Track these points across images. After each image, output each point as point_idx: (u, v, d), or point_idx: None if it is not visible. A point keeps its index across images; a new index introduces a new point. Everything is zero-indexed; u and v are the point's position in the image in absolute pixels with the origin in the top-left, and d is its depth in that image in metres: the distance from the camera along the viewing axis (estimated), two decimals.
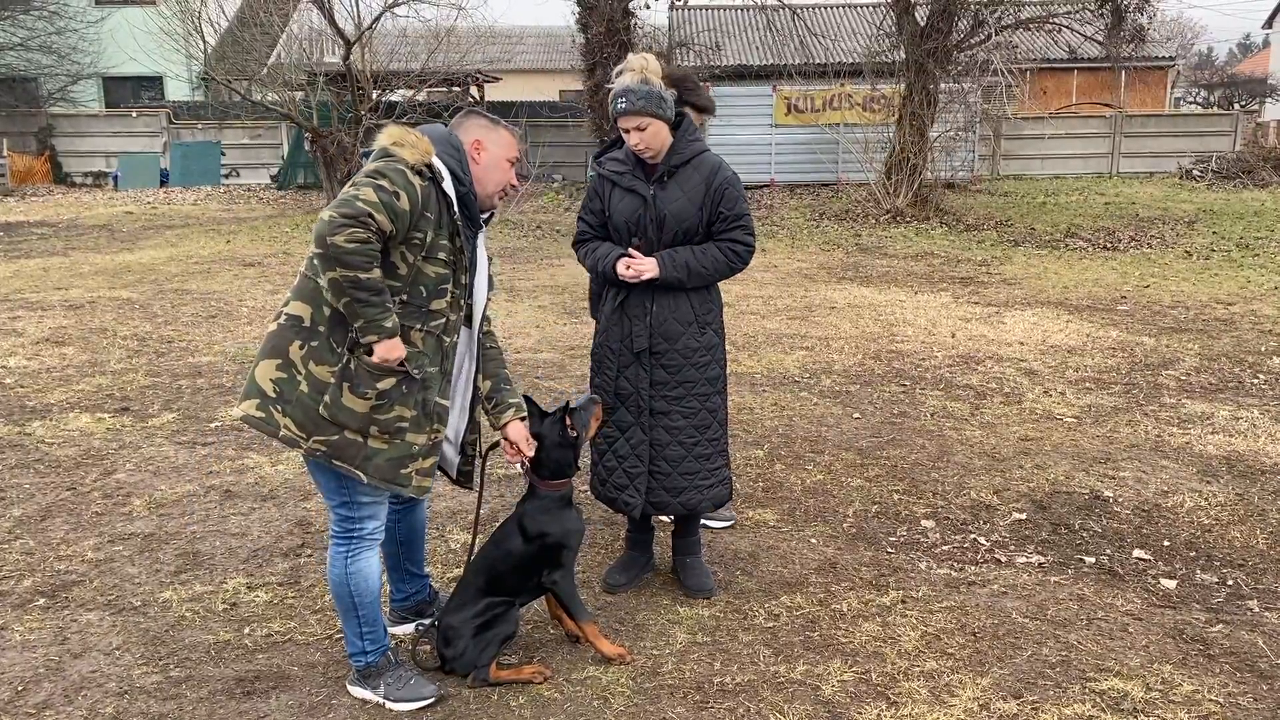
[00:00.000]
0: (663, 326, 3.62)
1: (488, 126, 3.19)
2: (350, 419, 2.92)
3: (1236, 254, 12.37)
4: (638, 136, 3.50)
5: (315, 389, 2.91)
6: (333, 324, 2.92)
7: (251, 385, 2.95)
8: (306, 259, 2.98)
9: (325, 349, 2.92)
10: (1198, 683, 3.27)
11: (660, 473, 3.69)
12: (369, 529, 3.10)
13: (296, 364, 2.92)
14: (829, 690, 3.22)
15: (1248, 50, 66.46)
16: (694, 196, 3.57)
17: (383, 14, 18.22)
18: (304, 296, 2.95)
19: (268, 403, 2.91)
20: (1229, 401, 6.35)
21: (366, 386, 2.92)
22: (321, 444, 2.92)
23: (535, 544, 3.29)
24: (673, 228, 3.57)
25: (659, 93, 3.47)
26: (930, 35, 16.28)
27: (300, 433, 2.91)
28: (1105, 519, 4.59)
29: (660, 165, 3.58)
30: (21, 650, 3.49)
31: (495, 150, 3.16)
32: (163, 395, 6.54)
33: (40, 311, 9.13)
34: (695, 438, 3.70)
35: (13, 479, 5.08)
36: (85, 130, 24.14)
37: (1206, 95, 40.31)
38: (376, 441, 2.96)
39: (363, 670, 3.18)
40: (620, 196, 3.62)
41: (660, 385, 3.65)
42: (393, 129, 3.04)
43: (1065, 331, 8.28)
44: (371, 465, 2.96)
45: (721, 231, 3.62)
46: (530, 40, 38.59)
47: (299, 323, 2.93)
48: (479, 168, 3.14)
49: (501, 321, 8.79)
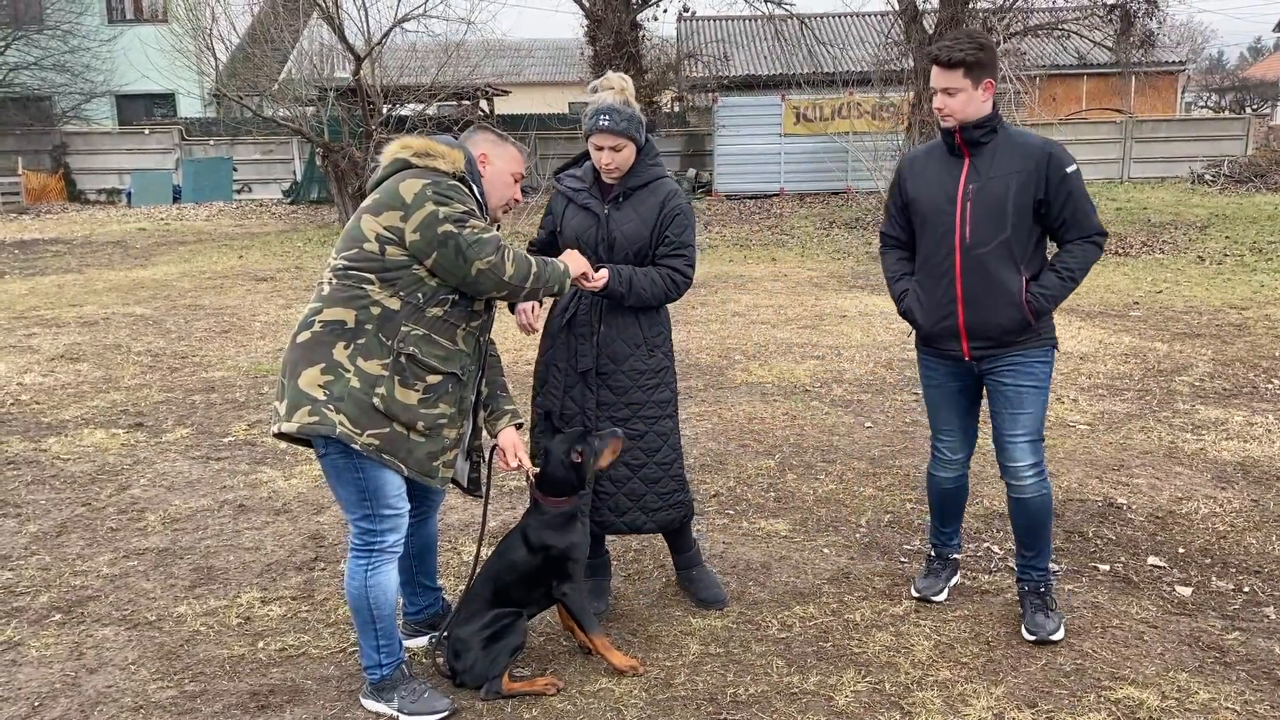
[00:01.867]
0: (610, 347, 3.57)
1: (495, 141, 3.25)
2: (402, 411, 3.01)
3: (1249, 258, 12.31)
4: (610, 156, 3.51)
5: (367, 383, 2.97)
6: (382, 321, 3.00)
7: (299, 395, 2.97)
8: (333, 270, 3.04)
9: (374, 344, 2.99)
10: (1214, 690, 3.25)
11: (604, 493, 3.62)
12: (389, 542, 3.12)
13: (343, 363, 2.97)
14: (842, 701, 3.21)
15: (1258, 54, 66.20)
16: (648, 219, 3.56)
17: (392, 29, 18.33)
18: (342, 303, 3.00)
19: (319, 406, 2.95)
20: (1243, 407, 6.31)
21: (417, 380, 3.02)
22: (375, 438, 2.99)
23: (539, 556, 3.30)
24: (624, 248, 3.55)
25: (638, 116, 3.53)
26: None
27: (355, 428, 2.96)
28: (1119, 526, 4.57)
29: (617, 186, 3.59)
30: (38, 666, 3.51)
31: (500, 165, 3.22)
32: (176, 410, 6.58)
33: (55, 328, 9.20)
34: (642, 460, 3.62)
35: (29, 495, 5.12)
36: (98, 148, 24.34)
37: (1217, 99, 40.20)
38: (418, 435, 3.06)
39: (377, 683, 3.19)
40: (574, 213, 3.63)
41: (606, 406, 3.59)
42: (411, 140, 3.10)
43: (1078, 338, 8.25)
44: (412, 458, 3.06)
45: (664, 256, 3.58)
46: (539, 53, 38.76)
47: (341, 326, 2.99)
48: (485, 180, 3.20)
49: (512, 332, 8.78)
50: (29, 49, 25.73)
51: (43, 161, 23.97)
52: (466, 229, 2.96)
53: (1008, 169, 3.38)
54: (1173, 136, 23.83)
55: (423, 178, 2.99)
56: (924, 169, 3.56)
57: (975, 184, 3.41)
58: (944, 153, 3.52)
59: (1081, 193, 3.41)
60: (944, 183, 3.47)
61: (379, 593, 3.11)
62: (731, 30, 30.34)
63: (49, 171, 23.79)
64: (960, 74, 3.33)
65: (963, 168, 3.45)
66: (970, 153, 3.44)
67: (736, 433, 5.98)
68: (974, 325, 3.48)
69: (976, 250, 3.42)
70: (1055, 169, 3.37)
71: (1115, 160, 23.77)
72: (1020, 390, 3.50)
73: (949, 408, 3.74)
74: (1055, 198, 3.38)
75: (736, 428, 6.07)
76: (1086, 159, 23.56)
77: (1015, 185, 3.37)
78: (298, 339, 3.03)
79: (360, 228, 3.01)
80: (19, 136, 24.12)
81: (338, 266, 3.02)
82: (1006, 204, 3.37)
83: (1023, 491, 3.57)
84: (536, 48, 38.93)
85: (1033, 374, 3.50)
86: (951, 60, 3.33)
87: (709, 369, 7.43)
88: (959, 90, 3.35)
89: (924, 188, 3.53)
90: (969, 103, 3.36)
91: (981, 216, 3.40)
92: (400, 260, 2.97)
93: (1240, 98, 38.57)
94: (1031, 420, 3.52)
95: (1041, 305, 3.42)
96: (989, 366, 3.54)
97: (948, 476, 3.83)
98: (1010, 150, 3.41)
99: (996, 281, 3.41)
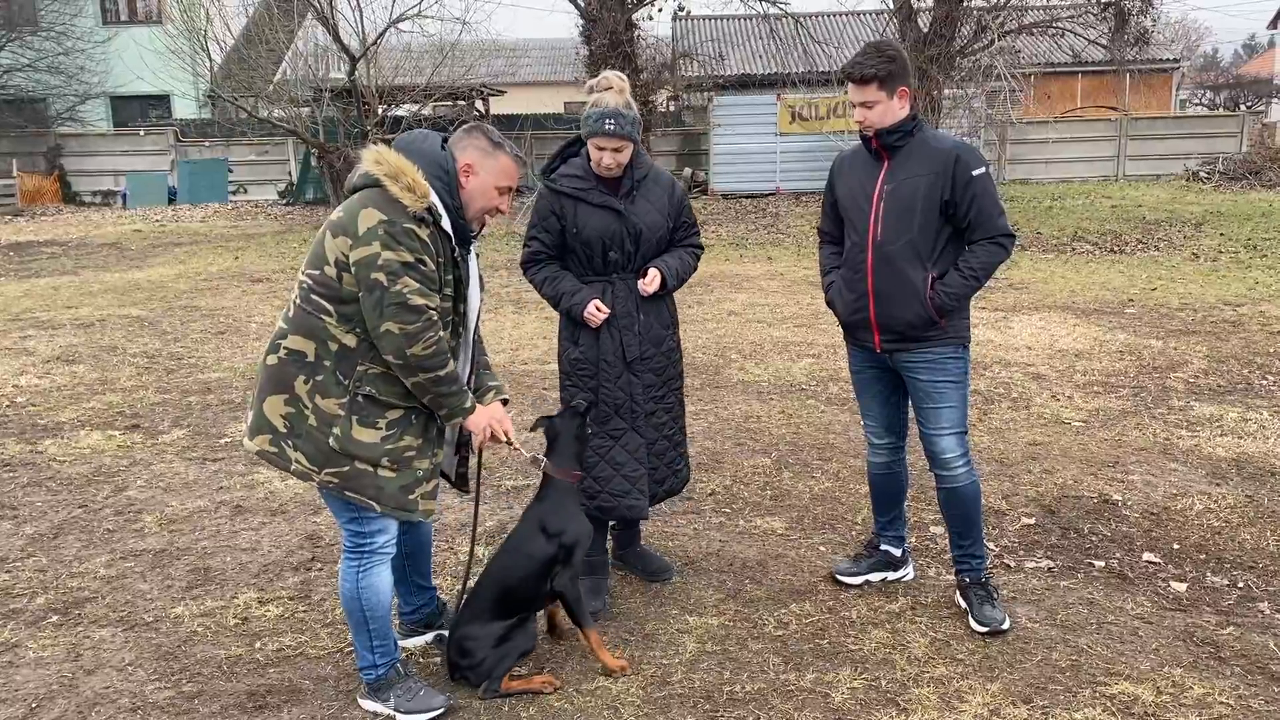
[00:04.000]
0: (650, 332, 3.77)
1: (485, 151, 3.09)
2: (361, 450, 2.96)
3: (1244, 255, 12.34)
4: (612, 157, 3.60)
5: (324, 422, 2.95)
6: (339, 358, 2.95)
7: (262, 420, 2.98)
8: (299, 289, 2.98)
9: (331, 382, 2.95)
10: (1209, 685, 3.26)
11: (651, 468, 3.82)
12: (380, 543, 3.12)
13: (303, 398, 2.95)
14: (839, 698, 3.22)
15: (1253, 51, 66.29)
16: (661, 208, 3.75)
17: (387, 29, 18.34)
18: (304, 332, 2.96)
19: (279, 438, 2.96)
20: (1238, 403, 6.33)
21: (377, 418, 2.97)
22: (333, 476, 2.96)
23: (555, 543, 3.31)
24: (649, 239, 3.72)
25: (639, 117, 3.64)
26: (933, 41, 16.33)
27: (311, 466, 2.95)
28: (1114, 523, 4.59)
29: (625, 180, 3.69)
30: (35, 667, 3.51)
31: (485, 178, 3.08)
32: (173, 412, 6.58)
33: (51, 330, 9.19)
34: (673, 428, 3.90)
35: (25, 497, 5.12)
36: (93, 149, 24.29)
37: (1212, 97, 40.25)
38: (386, 471, 3.00)
39: (373, 683, 3.19)
40: (589, 213, 3.67)
41: (650, 388, 3.78)
42: (386, 155, 2.95)
43: (1073, 335, 8.27)
44: (384, 495, 3.01)
45: (684, 238, 3.87)
46: (534, 53, 38.75)
47: (302, 358, 2.96)
48: (465, 192, 3.07)
49: (509, 334, 8.81)
50: (23, 51, 25.67)
51: (38, 164, 23.92)
52: (398, 285, 2.84)
53: (919, 170, 3.55)
54: (1167, 134, 23.87)
55: (382, 210, 2.86)
56: (851, 169, 3.75)
57: (890, 185, 3.58)
58: (866, 154, 3.69)
59: (988, 194, 3.53)
60: (864, 183, 3.65)
61: (371, 594, 3.11)
62: (726, 29, 30.34)
63: (44, 174, 23.75)
64: (874, 88, 3.50)
65: (881, 169, 3.62)
66: (889, 155, 3.61)
67: (733, 431, 5.98)
68: (883, 319, 3.64)
69: (886, 247, 3.58)
70: (962, 171, 3.50)
71: (1110, 158, 23.81)
72: (937, 386, 3.66)
73: (869, 395, 3.92)
74: (961, 199, 3.51)
75: (733, 426, 6.08)
76: (1082, 157, 23.65)
77: (924, 186, 3.52)
78: (267, 360, 3.02)
79: (323, 248, 2.95)
80: (14, 139, 24.07)
81: (304, 285, 2.97)
82: (915, 204, 3.53)
83: (954, 481, 3.72)
84: (532, 48, 38.93)
85: (946, 370, 3.65)
86: (864, 76, 3.49)
87: (705, 368, 7.43)
88: (876, 103, 3.51)
89: (847, 187, 3.72)
90: (886, 112, 3.52)
91: (892, 216, 3.57)
92: (353, 292, 2.90)
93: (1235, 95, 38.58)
94: (953, 414, 3.67)
95: (944, 303, 3.56)
96: (903, 361, 3.70)
97: (876, 463, 4.00)
98: (923, 153, 3.57)
99: (903, 278, 3.57)
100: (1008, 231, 3.57)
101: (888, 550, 4.04)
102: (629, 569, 4.13)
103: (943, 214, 3.54)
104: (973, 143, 19.92)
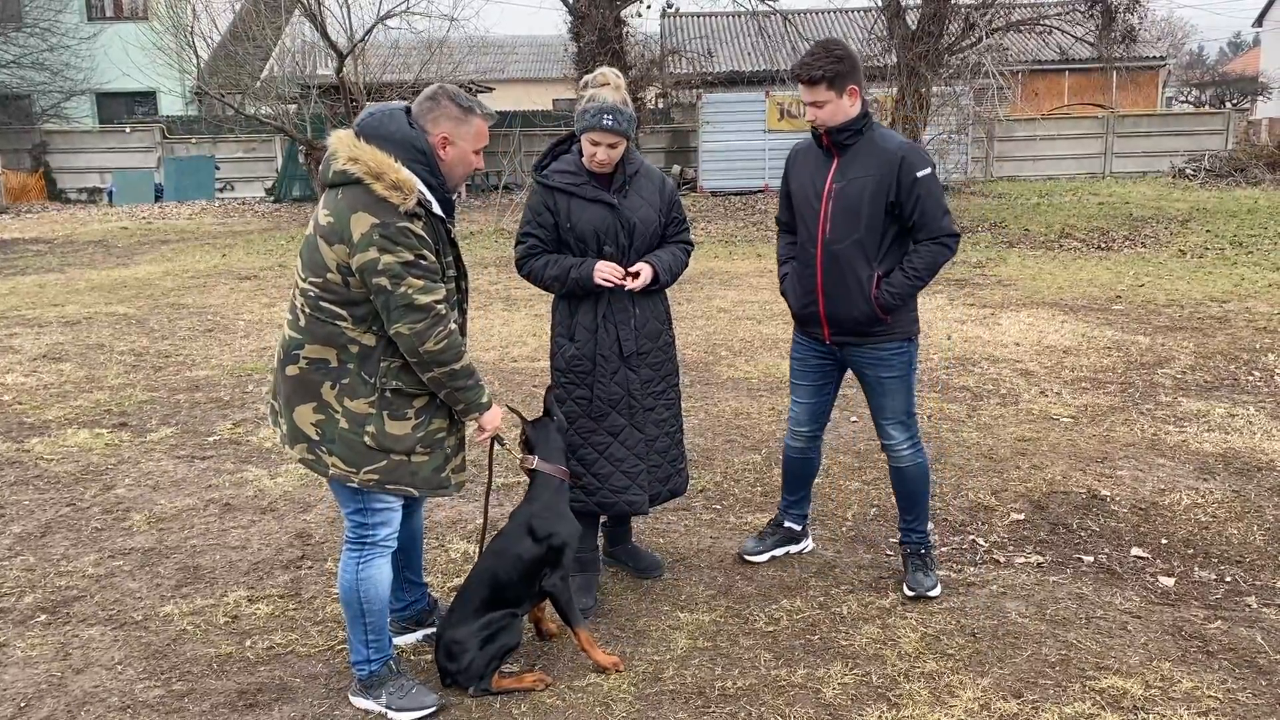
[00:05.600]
0: (646, 327, 3.78)
1: (458, 119, 3.03)
2: (395, 443, 3.01)
3: (1230, 252, 12.40)
4: (606, 153, 3.61)
5: (356, 423, 2.98)
6: (361, 359, 2.97)
7: (295, 430, 3.01)
8: (304, 297, 2.95)
9: (358, 383, 2.98)
10: (1197, 679, 3.28)
11: (654, 465, 3.82)
12: (381, 535, 3.13)
13: (331, 404, 2.98)
14: (830, 693, 3.23)
15: (1238, 49, 66.67)
16: (653, 203, 3.77)
17: (375, 26, 18.29)
18: (323, 339, 2.96)
19: (314, 446, 3.00)
20: (1225, 399, 6.37)
21: (405, 409, 3.01)
22: (373, 474, 3.00)
23: (543, 545, 3.30)
24: (642, 233, 3.73)
25: (633, 114, 3.65)
26: (921, 39, 16.35)
27: (349, 468, 2.99)
28: (1103, 518, 4.61)
29: (617, 175, 3.70)
30: (23, 667, 3.49)
31: (463, 145, 3.06)
32: (161, 410, 6.55)
33: (37, 328, 9.14)
34: (673, 425, 3.91)
35: (12, 496, 5.09)
36: (79, 146, 24.15)
37: (1198, 94, 40.42)
38: (420, 457, 3.06)
39: (365, 680, 3.18)
40: (583, 207, 3.68)
41: (648, 383, 3.79)
42: (360, 152, 2.85)
43: (1061, 332, 8.30)
44: (419, 479, 3.07)
45: (675, 234, 3.88)
46: (523, 50, 38.68)
47: (325, 365, 2.98)
48: (445, 165, 3.06)
49: (499, 331, 8.80)
50: (8, 47, 25.51)
51: (23, 161, 23.77)
52: (401, 287, 2.84)
53: (866, 171, 3.61)
54: (1154, 131, 24.00)
55: (373, 213, 2.82)
56: (804, 163, 3.81)
57: (839, 183, 3.66)
58: (818, 150, 3.75)
59: (932, 196, 3.60)
60: (815, 179, 3.72)
61: (370, 586, 3.11)
62: (715, 26, 30.36)
63: (29, 171, 23.60)
64: (824, 88, 3.56)
65: (831, 166, 3.69)
66: (839, 153, 3.68)
67: (723, 428, 5.99)
68: (832, 315, 3.75)
69: (834, 245, 3.67)
70: (907, 172, 3.57)
71: (1097, 155, 23.92)
72: (882, 380, 3.80)
73: (806, 382, 4.02)
74: (906, 200, 3.59)
75: (723, 423, 6.08)
76: (1069, 154, 23.74)
77: (871, 186, 3.59)
78: (287, 371, 3.01)
79: (321, 254, 2.91)
80: None
81: (309, 294, 2.95)
82: (862, 204, 3.60)
83: (900, 462, 3.91)
84: (520, 44, 38.86)
85: (891, 366, 3.78)
86: (814, 78, 3.54)
87: (695, 365, 7.44)
88: (825, 102, 3.58)
89: (799, 181, 3.81)
90: (837, 111, 3.59)
91: (840, 214, 3.64)
92: (363, 293, 2.91)
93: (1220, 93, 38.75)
94: (899, 404, 3.83)
95: (889, 302, 3.65)
96: (851, 355, 3.84)
97: (794, 446, 4.13)
98: (871, 153, 3.63)
99: (850, 276, 3.67)
100: (952, 232, 3.66)
101: (790, 527, 4.25)
102: (620, 566, 4.14)
103: (889, 214, 3.62)
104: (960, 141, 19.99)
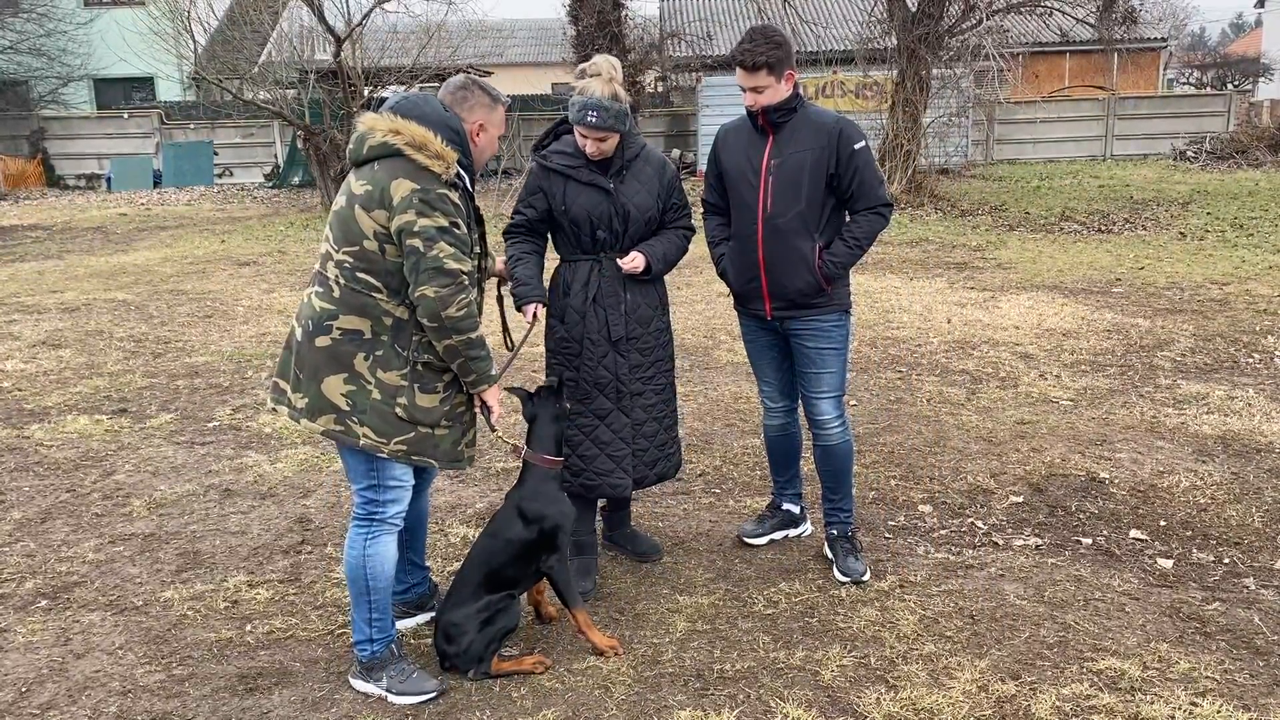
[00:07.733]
0: (637, 313, 3.77)
1: (489, 106, 3.23)
2: (425, 415, 3.08)
3: (1231, 234, 12.38)
4: (596, 146, 3.61)
5: (388, 395, 3.02)
6: (395, 331, 3.02)
7: (322, 400, 3.02)
8: (339, 269, 2.99)
9: (391, 355, 3.02)
10: (1194, 660, 3.29)
11: (640, 450, 3.83)
12: (390, 513, 3.15)
13: (364, 374, 3.01)
14: (828, 675, 3.24)
15: (1240, 30, 66.38)
16: (651, 189, 3.75)
17: (372, 10, 18.17)
18: (357, 310, 3.00)
19: (344, 416, 3.02)
20: (1224, 381, 6.37)
21: (435, 382, 3.09)
22: (402, 444, 3.05)
23: (534, 529, 3.30)
24: (637, 219, 3.72)
25: (625, 110, 3.61)
26: (921, 21, 16.25)
27: (380, 438, 3.03)
28: (1102, 500, 4.61)
29: (615, 160, 3.69)
30: (24, 652, 3.50)
31: (493, 131, 3.25)
32: (160, 396, 6.55)
33: (36, 315, 9.14)
34: (664, 410, 3.91)
35: (12, 482, 5.09)
36: (77, 133, 24.09)
37: (1199, 76, 40.24)
38: (442, 430, 3.13)
39: (366, 662, 3.19)
40: (578, 191, 3.67)
41: (636, 368, 3.79)
42: (403, 125, 2.96)
43: (1060, 315, 8.29)
44: (440, 452, 3.14)
45: (675, 220, 3.87)
46: (521, 34, 38.54)
47: (359, 336, 3.01)
48: (477, 149, 3.21)
49: (496, 314, 8.77)
50: (4, 33, 25.39)
51: (20, 147, 23.70)
52: (434, 250, 2.91)
53: (804, 145, 3.68)
54: (1155, 114, 23.91)
55: (414, 180, 2.92)
56: (735, 142, 3.86)
57: (776, 160, 3.72)
58: (751, 129, 3.80)
59: (868, 166, 3.70)
60: (751, 157, 3.77)
61: (377, 563, 3.13)
62: (714, 9, 30.18)
63: (27, 157, 23.53)
64: (764, 74, 3.63)
65: (767, 144, 3.75)
66: (773, 131, 3.74)
67: (722, 412, 5.99)
68: (774, 288, 3.80)
69: (775, 220, 3.74)
70: (844, 144, 3.66)
71: (1098, 137, 23.84)
72: (820, 352, 3.86)
73: (764, 361, 4.09)
74: (844, 171, 3.68)
75: (722, 408, 6.08)
76: (1070, 136, 23.66)
77: (810, 161, 3.67)
78: (316, 342, 3.02)
79: (358, 223, 2.96)
80: None
81: (344, 265, 2.99)
82: (803, 178, 3.68)
83: (828, 440, 3.95)
84: (518, 28, 38.71)
85: (829, 337, 3.85)
86: (756, 64, 3.62)
87: (694, 349, 7.44)
88: (765, 87, 3.64)
89: (733, 161, 3.84)
90: (775, 95, 3.66)
91: (780, 189, 3.71)
92: (398, 263, 2.97)
93: (1222, 74, 38.56)
94: (833, 379, 3.89)
95: (832, 271, 3.75)
96: (790, 328, 3.88)
97: (772, 425, 4.18)
98: (807, 128, 3.70)
99: (793, 249, 3.74)
100: (887, 201, 3.75)
101: (788, 509, 4.27)
102: (619, 549, 4.15)
103: (828, 186, 3.70)
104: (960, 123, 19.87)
